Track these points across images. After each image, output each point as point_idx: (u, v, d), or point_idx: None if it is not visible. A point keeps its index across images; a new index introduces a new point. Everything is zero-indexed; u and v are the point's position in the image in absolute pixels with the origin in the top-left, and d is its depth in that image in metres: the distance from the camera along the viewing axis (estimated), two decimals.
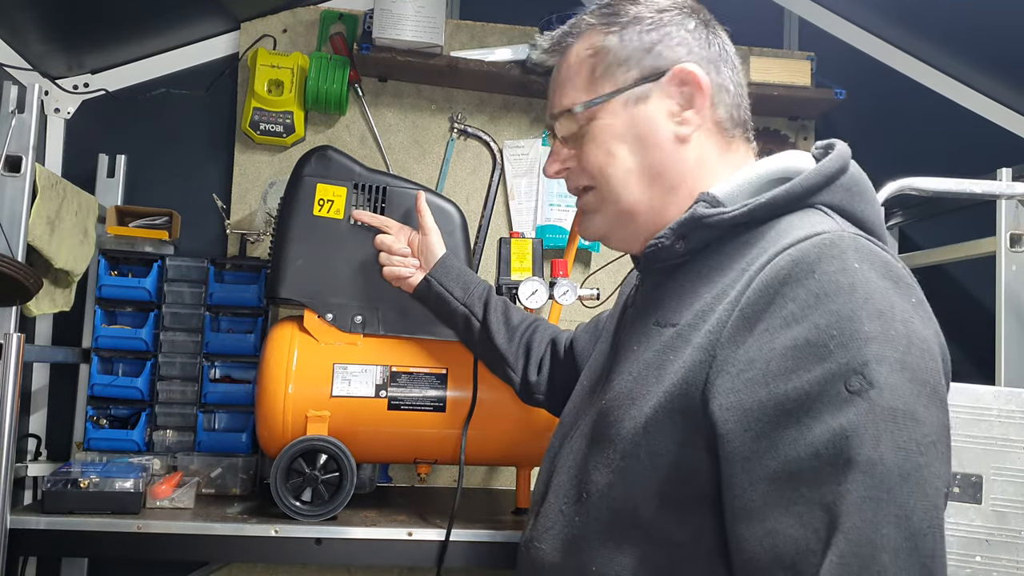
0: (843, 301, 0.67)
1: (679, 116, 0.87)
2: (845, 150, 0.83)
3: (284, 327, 1.64)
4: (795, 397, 0.67)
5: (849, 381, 0.65)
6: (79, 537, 1.54)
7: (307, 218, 1.63)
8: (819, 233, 0.72)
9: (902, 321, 0.68)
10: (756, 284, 0.72)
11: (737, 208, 0.80)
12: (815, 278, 0.69)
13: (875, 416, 0.64)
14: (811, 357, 0.67)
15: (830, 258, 0.70)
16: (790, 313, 0.69)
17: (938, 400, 0.68)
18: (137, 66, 2.13)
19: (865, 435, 0.64)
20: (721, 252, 0.81)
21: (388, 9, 2.00)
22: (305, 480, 1.54)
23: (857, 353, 0.66)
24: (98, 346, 1.88)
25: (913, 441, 0.64)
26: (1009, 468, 1.46)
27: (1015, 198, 1.73)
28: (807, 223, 0.76)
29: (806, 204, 0.79)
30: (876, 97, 2.30)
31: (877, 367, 0.65)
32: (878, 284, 0.69)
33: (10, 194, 1.56)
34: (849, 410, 0.65)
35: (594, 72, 0.89)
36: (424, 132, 2.22)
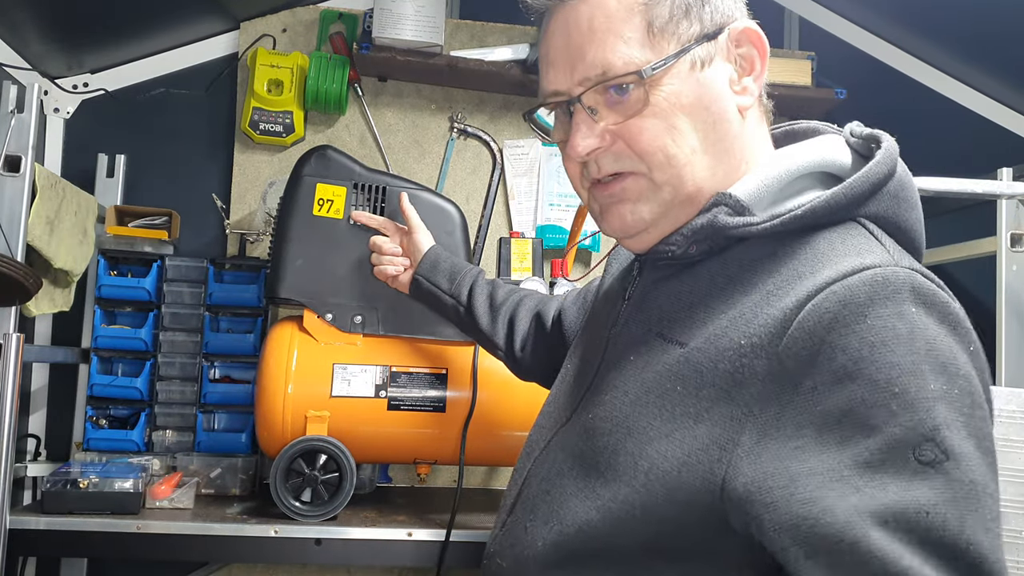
0: (903, 352, 0.57)
1: (739, 84, 0.74)
2: (893, 148, 0.71)
3: (284, 327, 1.64)
4: (852, 466, 0.57)
5: (920, 449, 0.56)
6: (78, 537, 1.54)
7: (307, 218, 1.63)
8: (868, 267, 0.61)
9: (965, 376, 0.59)
10: (797, 328, 0.60)
11: (767, 220, 0.68)
12: (867, 324, 0.58)
13: (956, 492, 0.55)
14: (870, 420, 0.57)
15: (884, 299, 0.59)
16: (841, 366, 0.58)
17: (995, 466, 0.60)
18: (136, 66, 2.13)
19: (949, 515, 0.54)
20: (742, 261, 0.69)
21: (388, 8, 2.00)
22: (305, 480, 1.54)
23: (926, 416, 0.56)
24: (97, 346, 1.88)
25: (993, 520, 0.56)
26: (1010, 468, 1.45)
27: (1016, 198, 1.73)
28: (852, 248, 0.64)
29: (847, 217, 0.68)
30: (877, 97, 2.30)
31: (949, 433, 0.56)
32: (937, 331, 0.59)
33: (9, 194, 1.55)
34: (923, 484, 0.55)
35: (651, 23, 0.71)
36: (424, 132, 2.21)
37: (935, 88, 2.29)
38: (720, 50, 0.74)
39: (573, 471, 0.74)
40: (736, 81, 0.74)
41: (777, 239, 0.68)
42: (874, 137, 0.75)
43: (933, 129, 2.27)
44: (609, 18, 0.71)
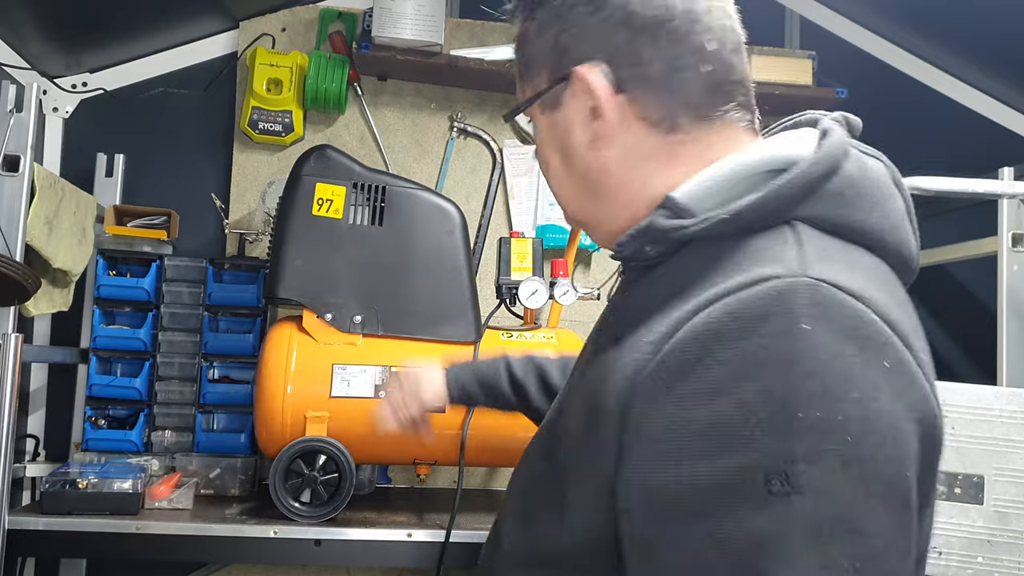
0: (779, 375, 0.54)
1: (591, 123, 0.71)
2: (835, 145, 0.65)
3: (283, 327, 1.64)
4: (708, 485, 0.55)
5: (771, 480, 0.53)
6: (77, 538, 1.53)
7: (306, 218, 1.63)
8: (768, 278, 0.57)
9: (858, 401, 0.54)
10: (682, 335, 0.58)
11: (698, 223, 0.64)
12: (750, 341, 0.55)
13: (794, 526, 0.52)
14: (730, 440, 0.54)
15: (775, 316, 0.55)
16: (715, 379, 0.56)
17: (896, 498, 0.55)
18: (135, 65, 2.12)
19: (782, 548, 0.52)
20: (686, 264, 0.65)
21: (387, 8, 2.00)
22: (304, 481, 1.54)
23: (784, 446, 0.53)
24: (96, 346, 1.88)
25: (846, 557, 0.52)
26: (1011, 468, 1.45)
27: (1017, 197, 1.73)
28: (766, 255, 0.60)
29: (784, 219, 0.63)
30: (878, 96, 2.29)
31: (807, 467, 0.53)
32: (832, 351, 0.55)
33: (8, 194, 1.55)
34: (766, 513, 0.53)
35: (520, 69, 0.77)
36: (424, 131, 2.21)
37: (936, 87, 2.28)
38: (569, 91, 0.72)
39: (532, 473, 0.76)
40: (588, 120, 0.71)
41: (717, 243, 0.64)
42: (825, 130, 0.68)
43: (934, 129, 2.27)
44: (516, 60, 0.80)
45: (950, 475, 1.46)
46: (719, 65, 0.69)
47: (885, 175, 0.69)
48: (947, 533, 1.45)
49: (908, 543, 0.56)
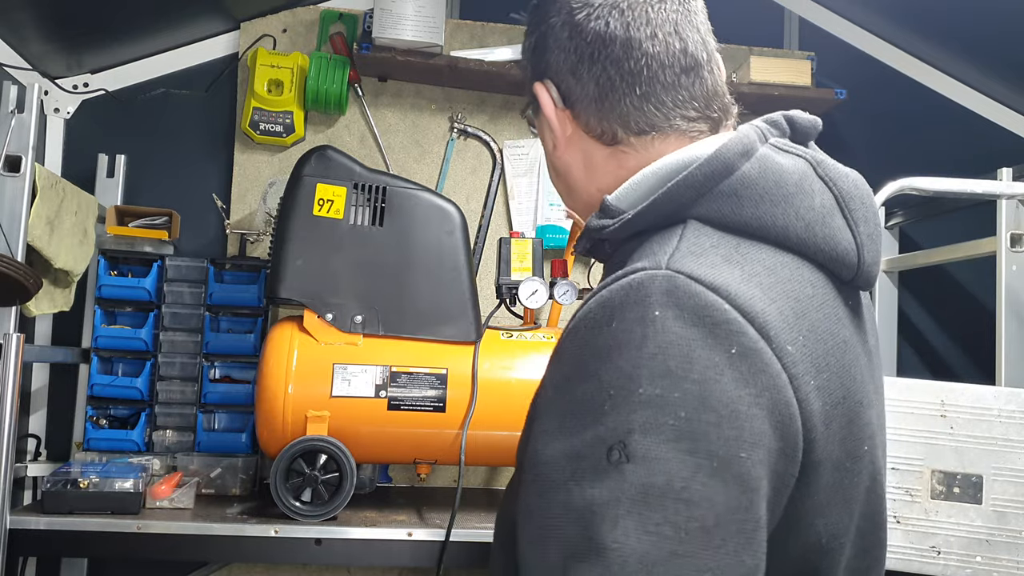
0: (629, 356, 0.59)
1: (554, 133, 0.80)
2: (732, 146, 0.68)
3: (284, 327, 1.64)
4: (568, 457, 0.60)
5: (611, 449, 0.58)
6: (79, 537, 1.54)
7: (307, 218, 1.63)
8: (636, 271, 0.63)
9: (698, 380, 0.58)
10: (570, 324, 0.66)
11: (616, 222, 0.71)
12: (613, 326, 0.61)
13: (622, 493, 0.56)
14: (589, 416, 0.60)
15: (633, 303, 0.61)
16: (584, 364, 0.62)
17: (730, 476, 0.57)
18: (137, 66, 2.13)
19: (607, 513, 0.56)
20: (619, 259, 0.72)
21: (388, 9, 2.00)
22: (305, 480, 1.54)
23: (625, 419, 0.58)
24: (98, 346, 1.88)
25: (670, 525, 0.55)
26: (1010, 468, 1.45)
27: (1015, 198, 1.73)
28: (650, 251, 0.66)
29: (679, 218, 0.68)
30: (877, 97, 2.30)
31: (641, 437, 0.57)
32: (678, 335, 0.59)
33: (10, 194, 1.56)
34: (603, 482, 0.57)
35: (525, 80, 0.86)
36: (424, 132, 2.22)
37: (935, 88, 2.28)
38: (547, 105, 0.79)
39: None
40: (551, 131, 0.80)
41: (631, 241, 0.70)
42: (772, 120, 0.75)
43: (933, 129, 2.28)
44: None
45: (949, 475, 1.47)
46: (655, 87, 0.74)
47: (803, 172, 0.71)
48: (946, 533, 1.45)
49: (746, 523, 0.57)
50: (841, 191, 0.72)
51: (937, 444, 1.47)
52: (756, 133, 0.71)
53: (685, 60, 0.75)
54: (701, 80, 0.76)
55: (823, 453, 0.63)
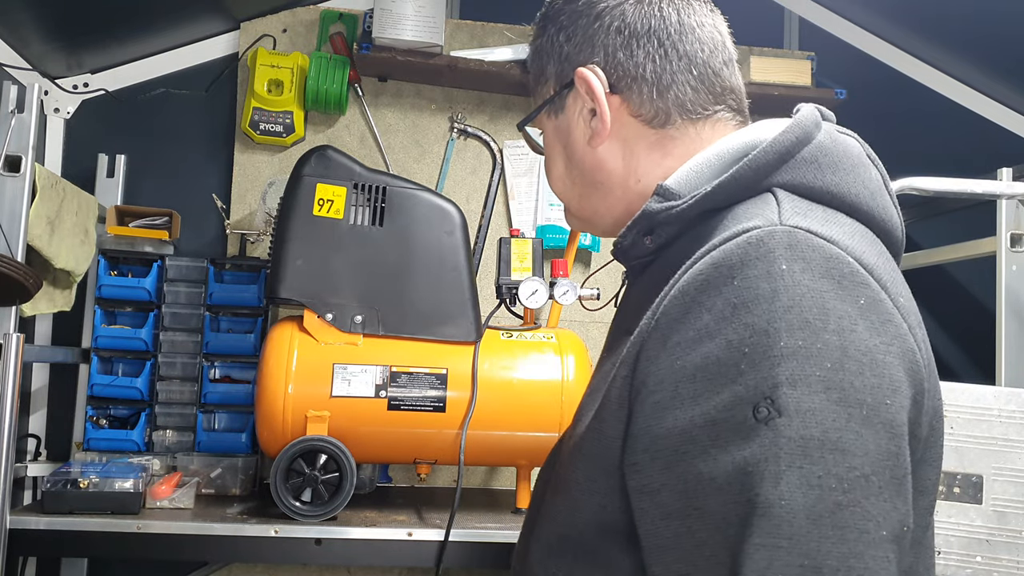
0: (761, 312, 0.58)
1: (588, 126, 0.79)
2: (807, 116, 0.71)
3: (284, 327, 1.64)
4: (701, 424, 0.58)
5: (758, 407, 0.56)
6: (79, 537, 1.54)
7: (307, 218, 1.63)
8: (747, 230, 0.62)
9: (836, 331, 0.58)
10: (674, 291, 0.63)
11: (685, 201, 0.70)
12: (734, 285, 0.60)
13: (779, 449, 0.55)
14: (720, 378, 0.58)
15: (755, 260, 0.60)
16: (704, 326, 0.60)
17: (879, 423, 0.57)
18: (137, 66, 2.13)
19: (766, 471, 0.55)
20: (681, 247, 0.69)
21: (388, 9, 2.00)
22: (305, 480, 1.54)
23: (768, 374, 0.57)
24: (98, 346, 1.88)
25: (832, 477, 0.55)
26: (1010, 468, 1.45)
27: (1015, 198, 1.73)
28: (745, 214, 0.66)
29: (762, 188, 0.68)
30: (877, 97, 2.30)
31: (790, 390, 0.56)
32: (810, 287, 0.59)
33: (10, 194, 1.56)
34: (754, 441, 0.56)
35: (532, 83, 0.86)
36: (424, 132, 2.22)
37: (935, 88, 2.29)
38: (573, 94, 0.80)
39: (550, 469, 0.79)
40: (589, 118, 0.79)
41: (702, 220, 0.69)
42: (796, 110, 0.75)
43: (933, 129, 2.28)
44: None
45: (949, 475, 1.47)
46: (708, 71, 0.77)
47: (859, 148, 0.74)
48: (946, 532, 1.45)
49: (896, 470, 0.57)
50: (882, 172, 0.75)
51: None
52: (817, 111, 0.74)
53: (726, 53, 0.79)
54: (735, 74, 0.81)
55: (929, 404, 0.64)
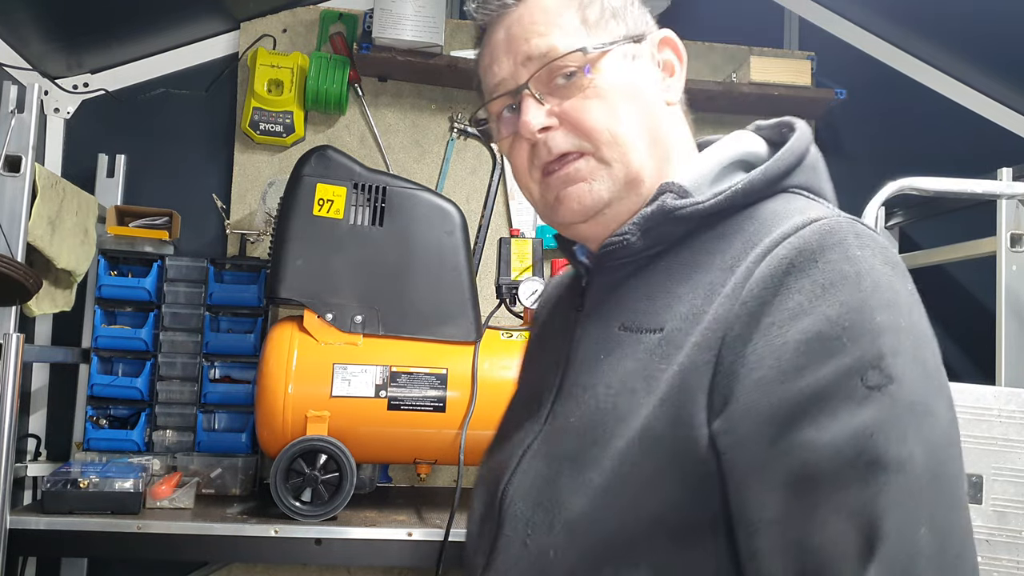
0: (851, 291, 0.63)
1: (663, 83, 0.82)
2: (807, 130, 0.79)
3: (284, 327, 1.64)
4: (810, 394, 0.62)
5: (866, 376, 0.61)
6: (79, 537, 1.54)
7: (307, 218, 1.63)
8: (816, 219, 0.68)
9: (908, 311, 0.65)
10: (758, 276, 0.66)
11: (711, 198, 0.73)
12: (819, 267, 0.65)
13: (898, 412, 0.60)
14: (823, 351, 0.62)
15: (832, 246, 0.65)
16: (797, 305, 0.64)
17: (947, 396, 0.64)
18: (137, 66, 2.13)
19: (891, 432, 0.60)
20: (694, 247, 0.74)
21: (388, 9, 2.00)
22: (305, 480, 1.54)
23: (871, 346, 0.62)
24: (98, 346, 1.88)
25: (936, 436, 0.61)
26: (1010, 468, 1.45)
27: (1015, 198, 1.73)
28: (794, 208, 0.71)
29: (780, 188, 0.75)
30: (877, 97, 2.30)
31: (893, 360, 0.62)
32: (881, 271, 0.65)
33: (10, 194, 1.56)
34: (869, 407, 0.60)
35: (585, 18, 0.79)
36: (424, 132, 2.22)
37: (935, 88, 2.29)
38: (645, 52, 0.81)
39: (563, 471, 0.74)
40: (660, 80, 0.82)
41: (721, 218, 0.74)
42: (785, 123, 0.82)
43: (933, 129, 2.28)
44: (547, 12, 0.79)
45: None
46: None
47: None
48: None
49: (959, 441, 0.64)
50: None
51: None
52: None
53: None
54: None
55: None
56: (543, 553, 0.72)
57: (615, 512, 0.69)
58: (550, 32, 0.78)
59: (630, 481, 0.68)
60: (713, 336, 0.67)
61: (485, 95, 0.83)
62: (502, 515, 0.78)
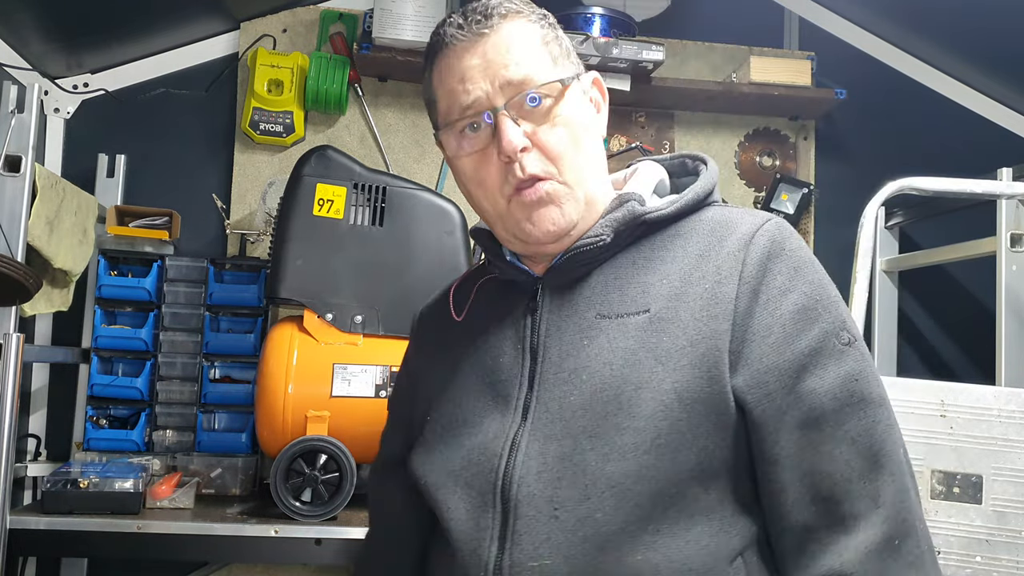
0: (811, 271, 0.84)
1: (598, 119, 0.94)
2: (715, 166, 0.96)
3: (284, 327, 1.64)
4: (808, 352, 0.80)
5: (839, 335, 0.81)
6: (79, 537, 1.54)
7: (307, 218, 1.63)
8: (768, 219, 0.86)
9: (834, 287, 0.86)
10: (747, 260, 0.83)
11: (668, 207, 0.89)
12: (787, 254, 0.84)
13: (867, 361, 0.82)
14: (809, 319, 0.81)
15: (788, 237, 0.85)
16: (781, 284, 0.82)
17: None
18: (137, 66, 2.13)
19: (869, 376, 0.81)
20: (653, 245, 0.89)
21: (388, 9, 2.00)
22: (305, 480, 1.54)
23: (837, 313, 0.83)
24: (98, 346, 1.88)
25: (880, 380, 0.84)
26: (1009, 468, 1.45)
27: (1015, 198, 1.73)
28: (737, 212, 0.89)
29: (708, 202, 0.92)
30: (877, 97, 2.30)
31: (849, 322, 0.84)
32: (814, 257, 0.86)
33: (10, 194, 1.56)
34: (848, 358, 0.81)
35: (551, 53, 0.89)
36: (424, 132, 2.21)
37: (935, 88, 2.29)
38: (585, 89, 0.92)
39: (586, 446, 0.81)
40: (596, 115, 0.93)
41: (672, 222, 0.90)
42: (690, 156, 0.99)
43: (933, 129, 2.28)
44: (524, 44, 0.88)
45: (949, 475, 1.47)
46: None
47: None
48: (946, 532, 1.45)
49: None
50: None
51: (937, 444, 1.47)
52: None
53: None
54: None
55: None
56: (585, 519, 0.79)
57: (661, 466, 0.79)
58: (525, 62, 0.86)
59: (671, 436, 0.79)
60: (722, 310, 0.81)
61: (449, 112, 0.89)
62: (509, 500, 0.82)
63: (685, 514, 0.80)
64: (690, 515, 0.80)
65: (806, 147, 2.30)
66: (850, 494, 0.77)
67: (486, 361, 0.92)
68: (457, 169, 0.91)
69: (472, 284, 1.01)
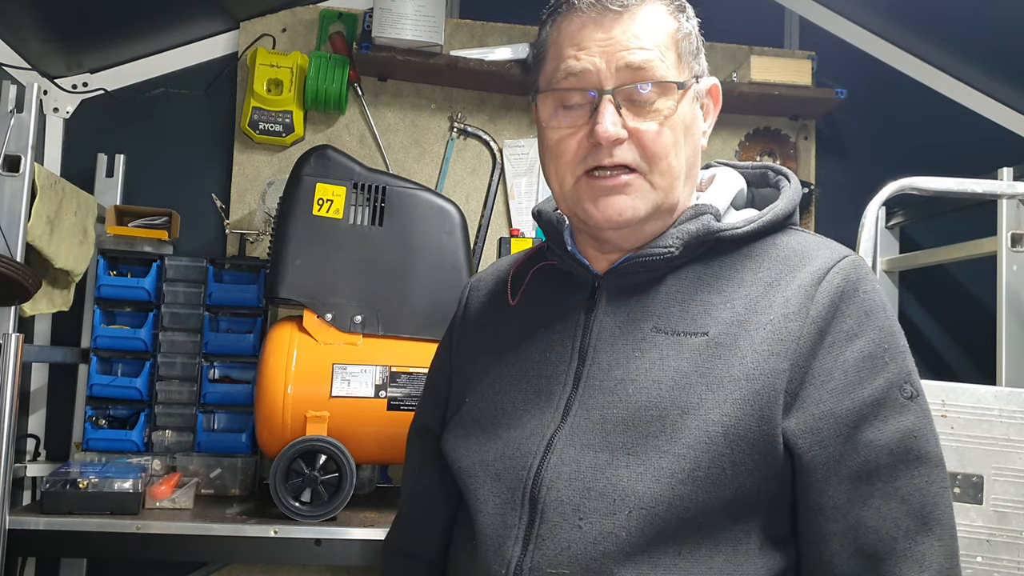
0: (883, 318, 0.81)
1: (704, 124, 0.90)
2: (795, 177, 0.92)
3: (283, 327, 1.64)
4: (869, 403, 0.78)
5: (903, 388, 0.79)
6: (78, 537, 1.54)
7: (306, 218, 1.63)
8: (846, 256, 0.83)
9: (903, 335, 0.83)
10: (818, 299, 0.80)
11: (745, 226, 0.85)
12: (860, 296, 0.80)
13: (927, 418, 0.79)
14: (874, 367, 0.78)
15: (864, 278, 0.82)
16: (849, 328, 0.79)
17: None
18: (136, 65, 2.13)
19: (928, 434, 0.79)
20: (723, 263, 0.85)
21: (388, 8, 2.00)
22: (305, 481, 1.54)
23: (903, 363, 0.80)
24: (97, 346, 1.88)
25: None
26: (1010, 468, 1.45)
27: (1016, 198, 1.73)
28: (819, 244, 0.85)
29: (787, 224, 0.88)
30: (877, 97, 2.30)
31: (915, 375, 0.81)
32: (886, 301, 0.82)
33: (9, 194, 1.55)
34: (909, 413, 0.78)
35: (680, 49, 0.86)
36: (424, 132, 2.21)
37: (935, 88, 2.29)
38: (700, 93, 0.89)
39: (622, 462, 0.79)
40: (703, 122, 0.90)
41: (747, 242, 0.86)
42: (773, 169, 0.94)
43: (933, 129, 2.28)
44: (654, 33, 0.84)
45: (950, 475, 1.46)
46: None
47: None
48: None
49: None
50: None
51: None
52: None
53: None
54: None
55: None
56: (608, 534, 0.78)
57: (695, 497, 0.77)
58: (650, 51, 0.83)
59: (711, 470, 0.77)
60: (784, 348, 0.79)
61: (554, 75, 0.86)
62: (538, 502, 0.81)
63: (709, 541, 0.78)
64: (715, 543, 0.78)
65: (806, 147, 2.30)
66: (895, 553, 0.76)
67: (533, 354, 0.91)
68: (542, 136, 0.89)
69: (529, 267, 0.99)
